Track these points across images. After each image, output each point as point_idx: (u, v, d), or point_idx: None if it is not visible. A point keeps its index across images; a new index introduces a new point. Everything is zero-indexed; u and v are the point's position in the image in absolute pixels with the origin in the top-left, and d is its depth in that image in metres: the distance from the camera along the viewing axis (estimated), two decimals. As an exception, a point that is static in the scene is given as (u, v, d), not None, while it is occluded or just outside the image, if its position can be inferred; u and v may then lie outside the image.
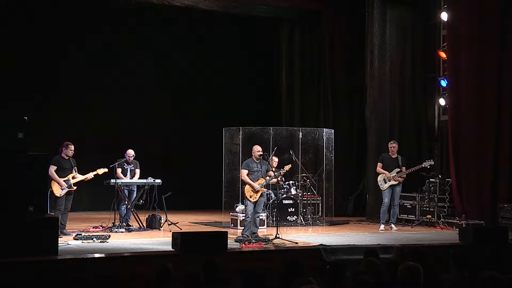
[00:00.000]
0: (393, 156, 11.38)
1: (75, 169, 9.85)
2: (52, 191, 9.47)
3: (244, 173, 9.49)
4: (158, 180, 10.90)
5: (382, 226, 11.27)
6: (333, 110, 14.66)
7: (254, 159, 9.55)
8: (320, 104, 15.09)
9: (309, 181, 12.27)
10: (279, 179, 10.69)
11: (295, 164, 11.87)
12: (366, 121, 13.78)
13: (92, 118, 14.28)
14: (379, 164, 11.43)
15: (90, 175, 9.98)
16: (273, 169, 10.16)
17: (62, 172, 9.73)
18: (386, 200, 11.25)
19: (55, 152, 9.77)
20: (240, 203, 11.27)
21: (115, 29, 14.38)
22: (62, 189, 9.61)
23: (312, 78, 15.34)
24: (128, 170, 10.91)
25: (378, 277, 4.88)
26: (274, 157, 11.40)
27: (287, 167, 9.88)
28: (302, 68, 15.46)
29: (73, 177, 9.78)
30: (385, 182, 11.28)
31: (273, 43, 16.02)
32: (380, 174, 11.37)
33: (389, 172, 11.25)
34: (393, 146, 11.42)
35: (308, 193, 12.37)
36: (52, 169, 9.51)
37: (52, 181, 9.54)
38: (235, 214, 11.34)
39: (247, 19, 15.08)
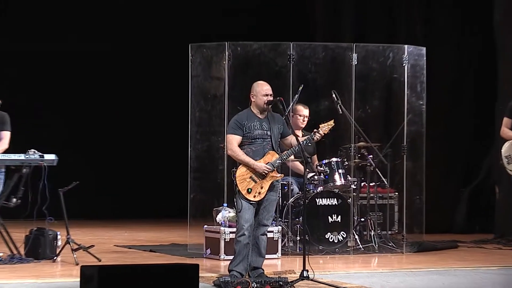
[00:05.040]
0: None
1: None
2: None
3: (234, 141, 9.38)
4: (51, 156, 11.06)
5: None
6: (426, 11, 15.38)
7: (256, 110, 9.45)
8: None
9: (372, 158, 12.09)
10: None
11: (343, 121, 11.73)
12: (495, 35, 14.43)
13: None
14: (506, 120, 12.19)
15: None
16: (299, 132, 10.46)
17: None
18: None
19: None
20: (225, 204, 11.36)
21: None
22: None
23: None
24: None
25: None
26: (299, 106, 11.76)
27: (326, 127, 9.51)
28: None
29: None
30: (521, 159, 12.05)
31: None
32: (507, 140, 12.25)
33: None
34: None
35: (371, 184, 12.45)
36: None
37: None
38: (214, 228, 11.42)
39: None
